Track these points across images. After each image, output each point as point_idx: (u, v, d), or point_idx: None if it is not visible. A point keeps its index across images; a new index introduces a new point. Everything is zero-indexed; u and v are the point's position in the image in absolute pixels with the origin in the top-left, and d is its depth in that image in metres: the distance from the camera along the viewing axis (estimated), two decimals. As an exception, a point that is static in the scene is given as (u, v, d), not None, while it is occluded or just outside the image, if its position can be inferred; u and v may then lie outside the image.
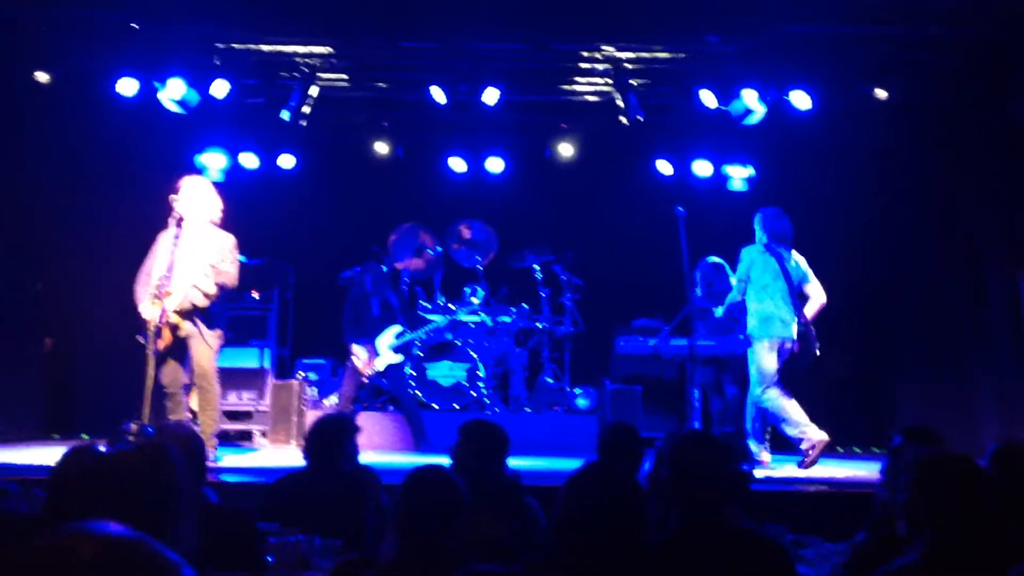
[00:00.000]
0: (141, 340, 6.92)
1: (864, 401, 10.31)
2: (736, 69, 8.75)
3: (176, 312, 6.93)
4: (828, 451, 9.54)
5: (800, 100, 8.76)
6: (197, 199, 7.14)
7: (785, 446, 9.78)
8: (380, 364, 8.85)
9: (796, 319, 7.58)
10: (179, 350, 7.07)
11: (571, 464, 7.61)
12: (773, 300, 7.76)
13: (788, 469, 7.48)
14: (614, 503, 2.48)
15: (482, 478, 3.83)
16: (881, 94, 8.63)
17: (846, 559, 3.87)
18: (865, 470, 7.20)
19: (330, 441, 4.58)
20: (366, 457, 6.02)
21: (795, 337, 7.61)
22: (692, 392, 7.97)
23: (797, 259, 8.02)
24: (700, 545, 2.88)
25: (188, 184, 7.18)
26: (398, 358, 8.93)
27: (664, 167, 10.55)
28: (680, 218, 7.47)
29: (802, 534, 4.40)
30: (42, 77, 8.47)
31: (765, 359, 7.73)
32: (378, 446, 8.73)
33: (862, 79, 8.72)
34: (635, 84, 9.04)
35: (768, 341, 7.72)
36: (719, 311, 8.37)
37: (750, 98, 8.68)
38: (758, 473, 6.53)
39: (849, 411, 10.26)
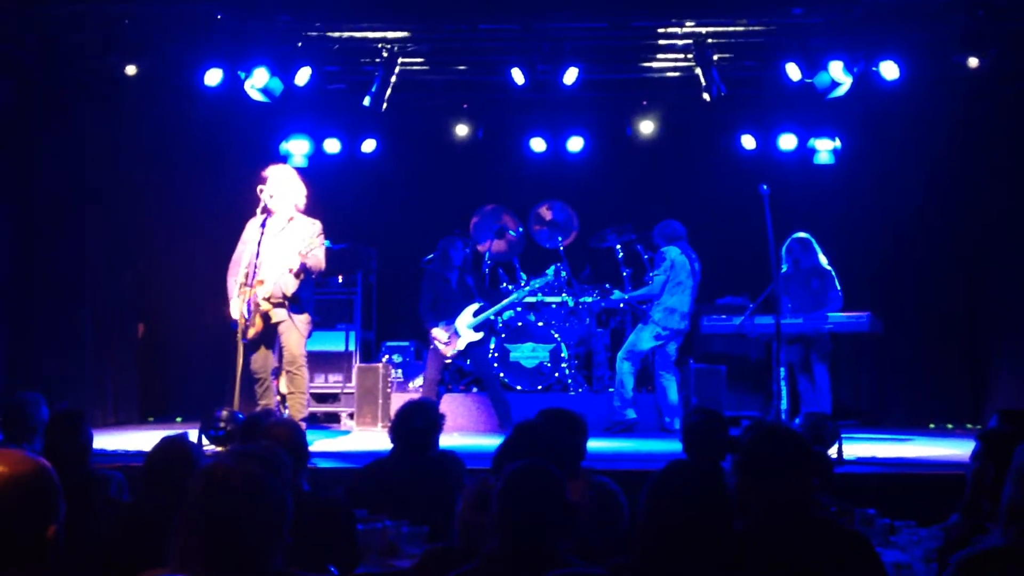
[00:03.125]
0: (233, 328, 7.08)
1: (959, 376, 10.05)
2: (821, 40, 8.53)
3: (267, 300, 7.07)
4: (920, 429, 9.40)
5: (888, 71, 8.52)
6: (283, 187, 7.24)
7: (870, 424, 9.63)
8: (461, 344, 8.86)
9: (689, 312, 8.84)
10: (269, 336, 7.21)
11: (656, 445, 7.62)
12: (682, 296, 8.76)
13: (876, 449, 7.34)
14: (699, 507, 2.45)
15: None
16: (973, 62, 8.33)
17: (940, 543, 3.79)
18: (959, 449, 7.02)
19: (416, 428, 4.62)
20: (451, 440, 6.09)
21: (687, 328, 8.87)
22: (778, 371, 7.87)
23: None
24: (779, 538, 2.85)
25: (274, 172, 7.29)
26: (478, 336, 8.91)
27: (747, 142, 10.39)
28: (764, 196, 7.35)
29: (894, 518, 4.32)
30: (131, 70, 8.67)
31: (643, 340, 8.82)
32: (463, 428, 8.80)
33: (954, 48, 8.43)
34: (717, 59, 8.89)
35: (660, 329, 8.75)
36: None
37: (836, 70, 8.47)
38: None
39: (942, 386, 10.04)
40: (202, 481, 2.22)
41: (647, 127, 10.48)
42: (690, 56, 9.11)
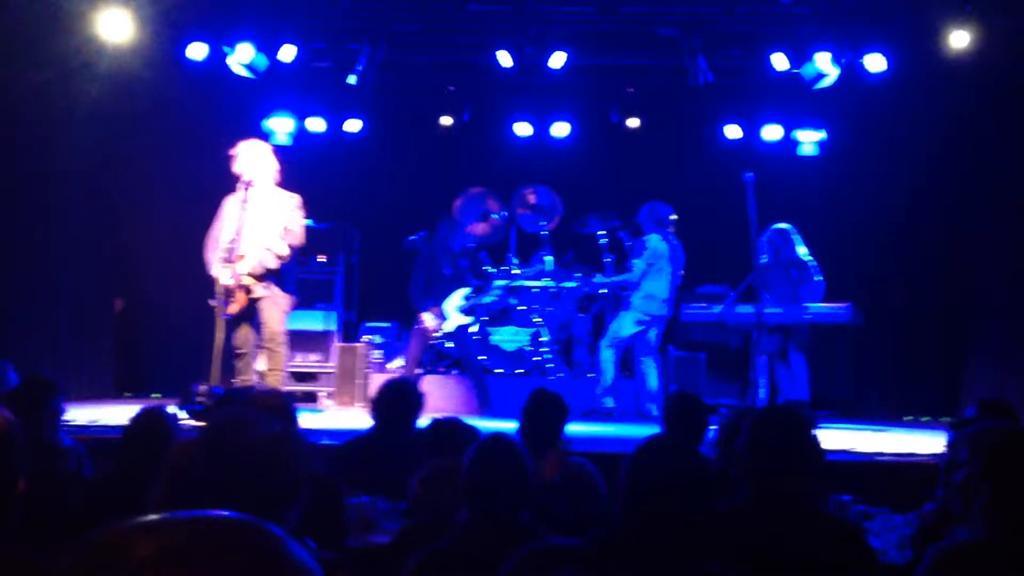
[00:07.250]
0: (213, 303, 7.05)
1: (936, 370, 10.11)
2: (809, 31, 8.55)
3: (249, 275, 7.05)
4: (895, 420, 9.46)
5: (874, 62, 8.53)
6: (258, 162, 7.22)
7: (847, 414, 9.69)
8: (448, 326, 8.84)
9: (670, 298, 8.79)
10: (250, 312, 7.19)
11: (634, 430, 7.65)
12: (661, 282, 8.72)
13: (852, 438, 7.38)
14: (679, 476, 2.46)
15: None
16: (959, 42, 8.29)
17: (914, 531, 3.83)
18: (934, 440, 7.07)
19: (397, 406, 4.63)
20: (428, 421, 6.09)
21: (668, 313, 8.83)
22: (757, 360, 7.89)
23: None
24: (771, 519, 2.86)
25: (247, 148, 7.26)
26: (466, 320, 8.91)
27: (732, 131, 10.40)
28: (748, 184, 7.36)
29: (870, 505, 4.35)
30: (113, 39, 8.56)
31: (625, 327, 8.77)
32: (441, 410, 8.74)
33: (941, 40, 8.45)
34: (704, 47, 8.88)
35: (641, 315, 8.71)
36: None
37: (823, 61, 8.48)
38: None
39: (919, 379, 10.10)
40: (217, 430, 2.08)
41: (633, 114, 10.47)
42: (677, 43, 9.12)
